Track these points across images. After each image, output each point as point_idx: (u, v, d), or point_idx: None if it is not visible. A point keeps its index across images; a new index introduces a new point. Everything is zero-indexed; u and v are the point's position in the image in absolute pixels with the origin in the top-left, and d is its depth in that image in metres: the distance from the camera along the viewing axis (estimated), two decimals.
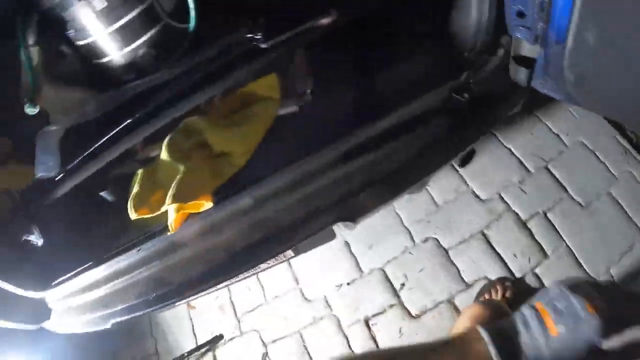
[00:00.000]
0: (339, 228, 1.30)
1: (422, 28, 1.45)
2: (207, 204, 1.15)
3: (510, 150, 2.06)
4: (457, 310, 1.80)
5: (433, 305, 1.82)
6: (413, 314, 1.82)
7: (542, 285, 1.79)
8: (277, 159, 1.23)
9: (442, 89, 1.32)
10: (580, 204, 1.93)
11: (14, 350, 1.52)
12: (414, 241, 1.89)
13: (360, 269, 1.89)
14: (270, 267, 1.43)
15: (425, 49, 1.41)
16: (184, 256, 1.22)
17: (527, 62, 1.25)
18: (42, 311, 1.33)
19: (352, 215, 1.26)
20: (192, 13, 1.26)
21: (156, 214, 1.17)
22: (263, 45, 1.20)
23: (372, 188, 1.27)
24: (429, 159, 1.32)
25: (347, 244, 1.96)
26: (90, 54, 1.29)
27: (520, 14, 1.17)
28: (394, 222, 1.93)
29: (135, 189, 1.24)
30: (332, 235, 1.50)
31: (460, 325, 1.35)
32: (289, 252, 1.40)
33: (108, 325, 1.34)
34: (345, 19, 1.26)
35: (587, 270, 1.81)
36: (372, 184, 1.27)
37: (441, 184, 2.00)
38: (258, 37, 1.18)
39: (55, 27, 1.28)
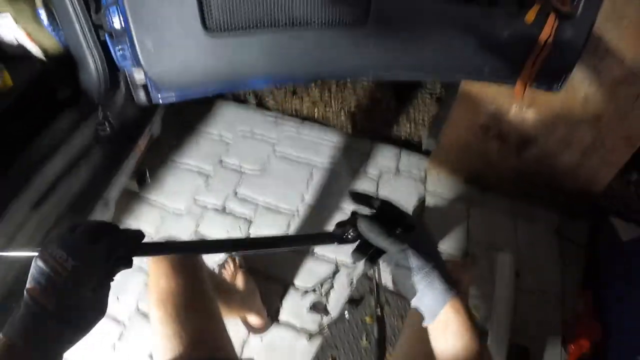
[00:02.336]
0: None
1: (64, 93, 1.91)
2: None
3: (188, 165, 2.65)
4: None
5: None
6: None
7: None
8: None
9: (89, 129, 1.82)
10: (257, 172, 2.60)
11: None
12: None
13: (120, 322, 2.04)
14: None
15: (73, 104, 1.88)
16: None
17: (143, 86, 1.79)
18: None
19: None
20: None
21: None
22: None
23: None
24: (102, 178, 1.84)
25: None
26: None
27: (123, 55, 1.68)
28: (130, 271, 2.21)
29: None
30: None
31: None
32: None
33: None
34: None
35: (287, 208, 2.42)
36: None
37: (145, 220, 2.40)
38: None
39: None
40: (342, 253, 2.25)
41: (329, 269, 2.21)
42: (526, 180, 2.30)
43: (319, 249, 2.29)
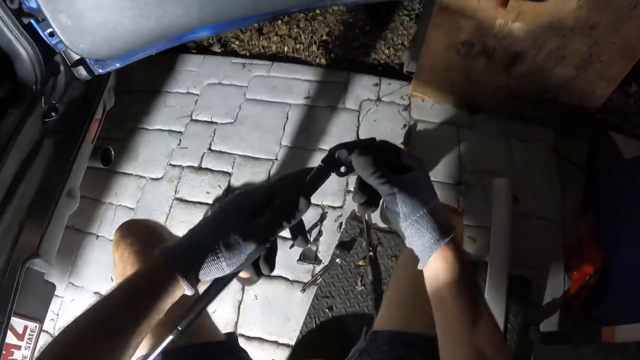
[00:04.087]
0: None
1: (3, 91, 1.73)
2: None
3: (159, 129, 2.56)
4: None
5: None
6: None
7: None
8: None
9: (35, 123, 1.68)
10: (230, 122, 2.49)
11: None
12: None
13: None
14: None
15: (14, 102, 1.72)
16: None
17: (81, 62, 1.67)
18: None
19: None
20: None
21: None
22: None
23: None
24: (60, 171, 1.77)
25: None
26: None
27: (52, 34, 1.58)
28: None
29: None
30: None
31: None
32: None
33: None
34: None
35: (265, 155, 2.35)
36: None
37: (125, 194, 2.36)
38: None
39: None
40: (329, 196, 2.18)
41: (316, 214, 2.14)
42: (517, 98, 2.14)
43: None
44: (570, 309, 1.81)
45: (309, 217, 2.14)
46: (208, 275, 0.67)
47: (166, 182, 2.36)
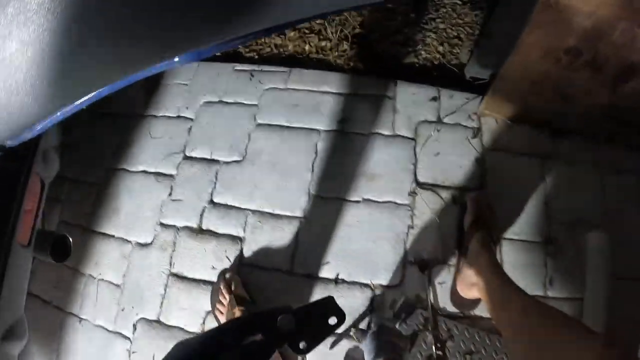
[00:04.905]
0: None
1: None
2: None
3: (143, 171, 1.95)
4: None
5: None
6: None
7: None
8: None
9: None
10: (237, 160, 1.87)
11: None
12: (129, 339, 1.71)
13: None
14: None
15: None
16: None
17: None
18: None
19: None
20: None
21: None
22: None
23: None
24: None
25: None
26: None
27: None
28: (99, 336, 1.76)
29: None
30: None
31: None
32: None
33: None
34: None
35: (287, 211, 1.76)
36: None
37: (107, 265, 1.82)
38: None
39: None
40: (381, 271, 1.60)
41: (364, 299, 1.58)
42: (614, 119, 1.69)
43: (345, 274, 1.64)
44: None
45: (354, 304, 1.59)
46: None
47: (157, 250, 1.78)
